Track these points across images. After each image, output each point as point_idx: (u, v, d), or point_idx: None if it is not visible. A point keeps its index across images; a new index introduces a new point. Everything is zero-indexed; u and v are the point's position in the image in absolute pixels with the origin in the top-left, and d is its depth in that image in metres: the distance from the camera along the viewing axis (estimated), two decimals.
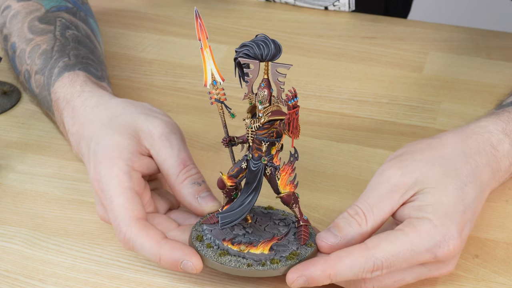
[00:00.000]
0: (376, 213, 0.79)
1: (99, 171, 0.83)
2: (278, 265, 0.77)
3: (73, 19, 1.06)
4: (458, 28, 1.22)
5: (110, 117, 0.88)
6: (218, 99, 0.79)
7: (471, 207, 0.79)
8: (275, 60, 0.76)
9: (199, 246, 0.79)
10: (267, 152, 0.78)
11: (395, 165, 0.81)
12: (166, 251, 0.78)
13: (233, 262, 0.77)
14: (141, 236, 0.79)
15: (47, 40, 1.02)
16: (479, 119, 0.87)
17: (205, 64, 0.77)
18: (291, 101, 0.73)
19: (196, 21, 0.76)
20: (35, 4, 1.07)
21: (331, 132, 1.02)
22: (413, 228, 0.76)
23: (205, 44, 0.77)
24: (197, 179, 0.84)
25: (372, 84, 1.10)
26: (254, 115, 0.78)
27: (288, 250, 0.78)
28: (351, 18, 1.24)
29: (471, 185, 0.80)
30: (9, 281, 0.83)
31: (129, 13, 1.26)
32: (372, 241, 0.76)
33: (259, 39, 0.76)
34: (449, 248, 0.76)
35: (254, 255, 0.78)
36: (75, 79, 0.95)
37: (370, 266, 0.75)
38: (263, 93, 0.77)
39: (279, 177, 0.78)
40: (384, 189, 0.79)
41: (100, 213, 0.85)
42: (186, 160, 0.84)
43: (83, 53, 1.01)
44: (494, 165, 0.83)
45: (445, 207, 0.77)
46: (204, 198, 0.83)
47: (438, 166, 0.80)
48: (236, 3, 1.27)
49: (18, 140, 1.01)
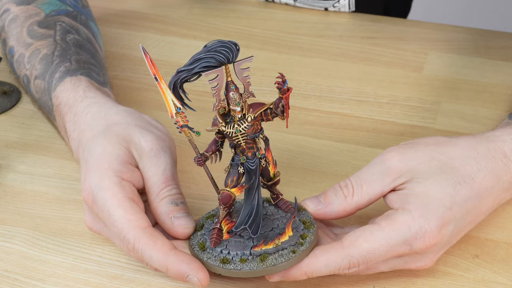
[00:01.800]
0: (365, 190, 0.80)
1: (89, 182, 0.82)
2: (309, 237, 0.79)
3: (74, 23, 1.05)
4: (458, 28, 1.21)
5: (107, 125, 0.87)
6: (184, 124, 0.78)
7: (461, 206, 0.79)
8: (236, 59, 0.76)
9: (235, 266, 0.78)
10: (257, 146, 0.79)
11: (397, 150, 0.82)
12: (173, 263, 0.77)
13: (280, 258, 0.77)
14: (150, 247, 0.78)
15: (47, 44, 1.01)
16: (494, 129, 0.87)
17: (165, 96, 0.76)
18: (284, 85, 0.75)
19: (146, 57, 0.76)
20: (34, 9, 1.06)
21: (331, 132, 1.02)
22: (390, 221, 0.77)
23: (160, 77, 0.76)
24: (176, 199, 0.83)
25: (372, 84, 1.10)
26: (227, 122, 0.78)
27: (297, 223, 0.80)
28: (351, 18, 1.24)
29: (466, 185, 0.80)
30: (9, 281, 0.83)
31: (129, 13, 1.26)
32: (347, 239, 0.77)
33: (215, 46, 0.75)
34: (425, 240, 0.77)
35: (287, 242, 0.78)
36: (78, 84, 0.95)
37: (346, 264, 0.77)
38: (236, 95, 0.77)
39: (269, 162, 0.80)
40: (378, 169, 0.81)
41: (88, 223, 0.84)
42: (169, 180, 0.84)
43: (84, 58, 1.00)
44: (503, 174, 0.82)
45: (429, 199, 0.78)
46: (178, 219, 0.82)
47: (436, 161, 0.80)
48: (236, 3, 1.27)
49: (18, 140, 1.01)
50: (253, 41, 1.19)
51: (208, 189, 0.89)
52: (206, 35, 1.20)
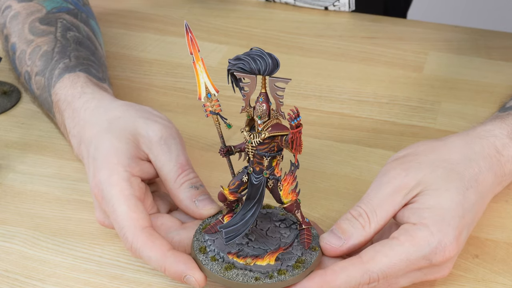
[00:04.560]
0: (379, 215, 0.79)
1: (98, 178, 0.83)
2: (285, 275, 0.76)
3: (74, 21, 1.06)
4: (458, 28, 1.21)
5: (110, 120, 0.87)
6: (213, 111, 0.78)
7: (471, 211, 0.79)
8: (273, 75, 0.74)
9: (203, 259, 0.78)
10: (268, 165, 0.77)
11: (399, 166, 0.81)
12: (170, 263, 0.77)
13: (240, 277, 0.76)
14: (147, 247, 0.78)
15: (48, 41, 1.02)
16: (485, 123, 0.87)
17: (198, 77, 0.76)
18: (294, 121, 0.73)
19: (187, 35, 0.75)
20: (36, 5, 1.07)
21: (331, 132, 1.02)
22: (409, 237, 0.76)
23: (197, 57, 0.76)
24: (195, 183, 0.84)
25: (372, 84, 1.10)
26: (252, 128, 0.77)
27: (293, 257, 0.78)
28: (351, 18, 1.24)
29: (472, 189, 0.80)
30: (9, 281, 0.83)
31: (129, 13, 1.26)
32: (367, 254, 0.76)
33: (254, 53, 0.74)
34: (445, 254, 0.76)
35: (261, 267, 0.77)
36: (76, 80, 0.95)
37: (366, 280, 0.75)
38: (262, 108, 0.75)
39: (281, 188, 0.78)
40: (387, 190, 0.79)
41: (99, 219, 0.85)
42: (184, 165, 0.84)
43: (84, 55, 1.01)
44: (498, 169, 0.83)
45: (444, 211, 0.77)
46: (202, 201, 0.83)
47: (441, 169, 0.80)
48: (236, 3, 1.27)
49: (18, 140, 1.01)
50: (253, 41, 1.19)
51: (209, 189, 0.89)
52: (206, 35, 1.20)
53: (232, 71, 0.75)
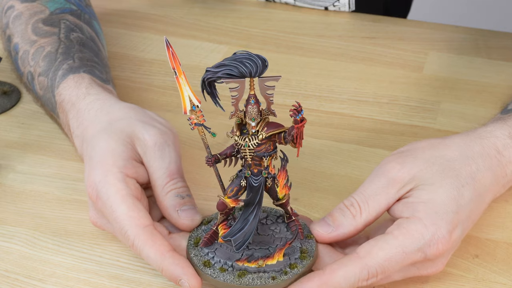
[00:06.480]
0: (371, 206, 0.79)
1: (93, 178, 0.82)
2: (298, 268, 0.77)
3: (78, 22, 1.06)
4: (458, 28, 1.21)
5: (110, 121, 0.88)
6: (198, 122, 0.77)
7: (466, 208, 0.79)
8: (262, 75, 0.74)
9: (212, 273, 0.77)
10: (267, 165, 0.77)
11: (395, 160, 0.81)
12: (168, 265, 0.77)
13: (257, 280, 0.76)
14: (148, 246, 0.78)
15: (51, 42, 1.02)
16: (486, 124, 0.87)
17: (182, 91, 0.75)
18: (298, 115, 0.73)
19: (168, 50, 0.74)
20: (39, 6, 1.07)
21: (331, 132, 1.02)
22: (403, 230, 0.77)
23: (179, 71, 0.76)
24: (182, 193, 0.83)
25: (372, 84, 1.10)
26: (242, 132, 0.77)
27: (296, 249, 0.78)
28: (351, 18, 1.24)
29: (468, 187, 0.80)
30: (9, 281, 0.83)
31: (129, 13, 1.26)
32: (363, 249, 0.77)
33: (242, 57, 0.73)
34: (438, 247, 0.77)
35: (272, 266, 0.77)
36: (80, 81, 0.95)
37: (365, 275, 0.76)
38: (255, 110, 0.75)
39: (278, 184, 0.78)
40: (381, 182, 0.80)
41: (92, 219, 0.85)
42: (174, 173, 0.84)
43: (87, 56, 1.01)
44: (498, 170, 0.83)
45: (437, 205, 0.78)
46: (185, 211, 0.82)
47: (437, 165, 0.80)
48: (236, 3, 1.27)
49: (18, 140, 1.01)
50: (253, 41, 1.19)
51: (209, 189, 0.89)
52: (206, 35, 1.21)
53: (213, 79, 0.74)
